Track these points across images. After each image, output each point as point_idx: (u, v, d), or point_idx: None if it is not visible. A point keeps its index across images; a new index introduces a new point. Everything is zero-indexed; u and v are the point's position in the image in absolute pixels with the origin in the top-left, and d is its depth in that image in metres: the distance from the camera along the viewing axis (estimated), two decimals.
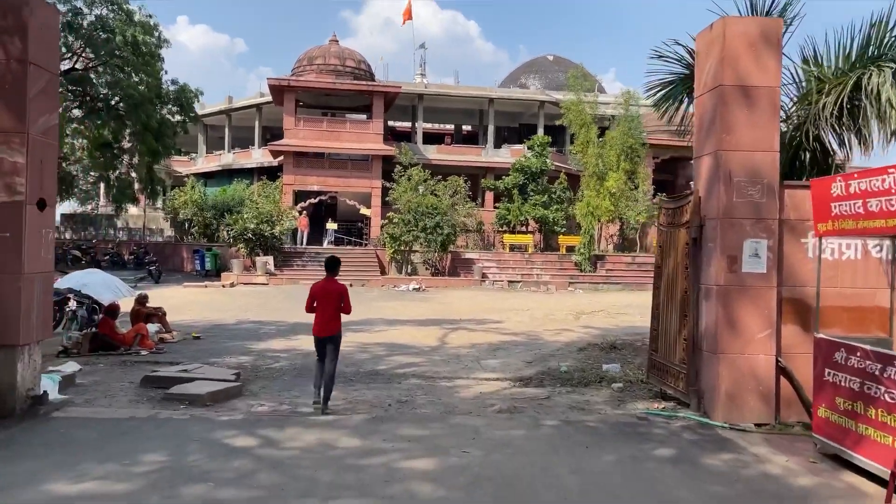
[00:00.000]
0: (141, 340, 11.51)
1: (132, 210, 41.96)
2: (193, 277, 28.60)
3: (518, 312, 19.88)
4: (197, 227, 35.67)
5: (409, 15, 48.50)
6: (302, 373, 10.23)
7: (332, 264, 8.34)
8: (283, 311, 18.46)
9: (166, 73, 30.30)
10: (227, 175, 42.61)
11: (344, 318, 8.27)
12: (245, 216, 27.84)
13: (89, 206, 50.15)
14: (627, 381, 9.71)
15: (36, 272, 7.15)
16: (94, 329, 11.49)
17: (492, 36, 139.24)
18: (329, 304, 7.96)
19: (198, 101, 31.45)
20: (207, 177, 44.37)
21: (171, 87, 30.24)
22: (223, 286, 25.08)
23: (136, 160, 31.18)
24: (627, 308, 21.61)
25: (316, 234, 35.65)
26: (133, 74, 28.90)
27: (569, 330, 16.05)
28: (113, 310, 11.61)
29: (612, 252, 34.12)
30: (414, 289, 26.59)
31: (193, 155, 47.86)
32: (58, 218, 51.86)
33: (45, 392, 7.29)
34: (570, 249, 33.82)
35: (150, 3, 76.55)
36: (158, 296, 22.19)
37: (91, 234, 42.76)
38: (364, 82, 37.37)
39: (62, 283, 11.86)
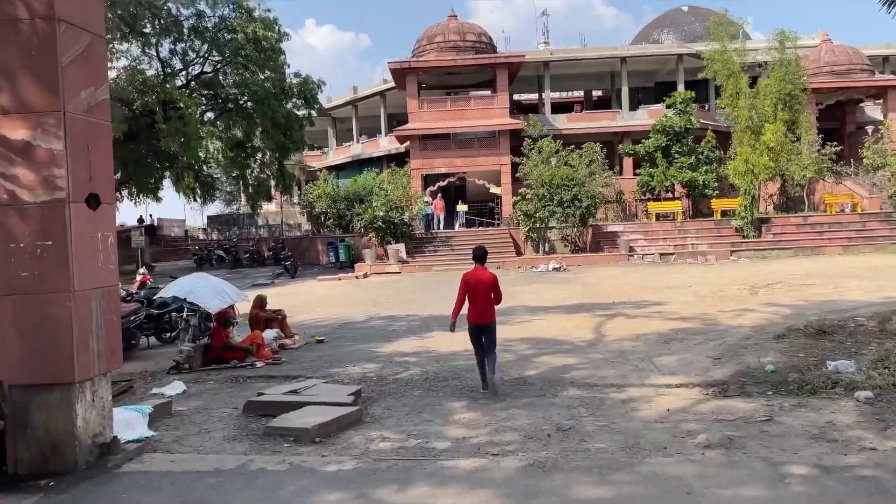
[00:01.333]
0: (257, 350, 10.03)
1: (270, 207, 42.39)
2: (328, 270, 27.79)
3: (680, 290, 16.99)
4: (332, 220, 35.09)
5: None
6: (434, 385, 8.27)
7: (481, 255, 8.11)
8: (415, 303, 16.76)
9: (289, 66, 29.64)
10: (357, 166, 41.97)
11: None
12: (374, 204, 26.58)
13: (234, 207, 51.68)
14: (875, 385, 6.92)
15: (92, 288, 5.58)
16: (206, 340, 10.16)
17: (616, 1, 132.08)
18: (481, 294, 7.82)
19: (321, 92, 30.60)
20: (339, 169, 44.00)
21: (294, 81, 29.49)
22: (356, 277, 23.91)
23: (267, 157, 30.84)
24: (811, 278, 18.06)
25: (450, 218, 34.04)
26: (258, 71, 28.41)
27: (750, 310, 13.08)
28: (225, 317, 10.21)
29: (776, 213, 29.82)
30: (554, 269, 24.19)
31: (325, 149, 47.79)
32: (204, 220, 54.06)
33: (114, 438, 5.72)
34: (725, 214, 29.97)
35: (278, 4, 78.03)
36: (293, 291, 21.40)
37: (234, 233, 43.69)
38: (486, 55, 35.10)
39: (168, 290, 10.63)
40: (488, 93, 35.91)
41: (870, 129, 34.52)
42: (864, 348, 8.84)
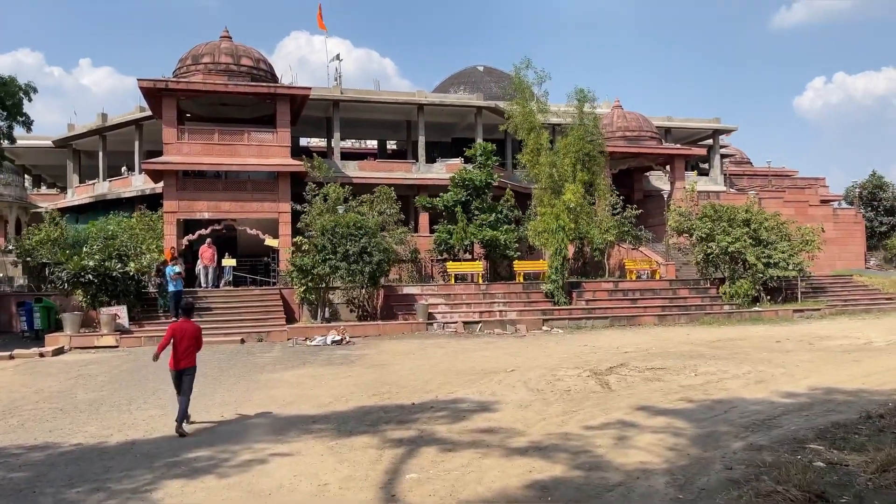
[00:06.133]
0: None
1: None
2: (19, 342, 18.87)
3: (504, 379, 11.58)
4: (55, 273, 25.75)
5: (321, 23, 40.58)
6: None
7: (189, 308, 9.07)
8: (88, 412, 9.58)
9: None
10: (103, 207, 32.74)
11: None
12: (85, 250, 18.55)
13: None
14: None
15: None
16: None
17: (409, 72, 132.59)
18: (184, 343, 8.38)
19: (29, 100, 21.97)
20: (79, 211, 34.32)
21: None
22: (41, 356, 15.63)
23: None
24: (653, 358, 13.67)
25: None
26: None
27: (628, 424, 7.86)
28: None
29: (579, 278, 26.42)
30: (334, 341, 17.95)
31: (65, 187, 37.67)
32: None
33: None
34: (528, 277, 25.98)
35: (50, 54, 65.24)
36: None
37: None
38: (265, 84, 28.72)
39: None
40: (267, 130, 29.37)
41: (665, 193, 33.29)
42: None
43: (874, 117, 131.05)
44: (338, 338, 18.24)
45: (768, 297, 23.94)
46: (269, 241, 27.25)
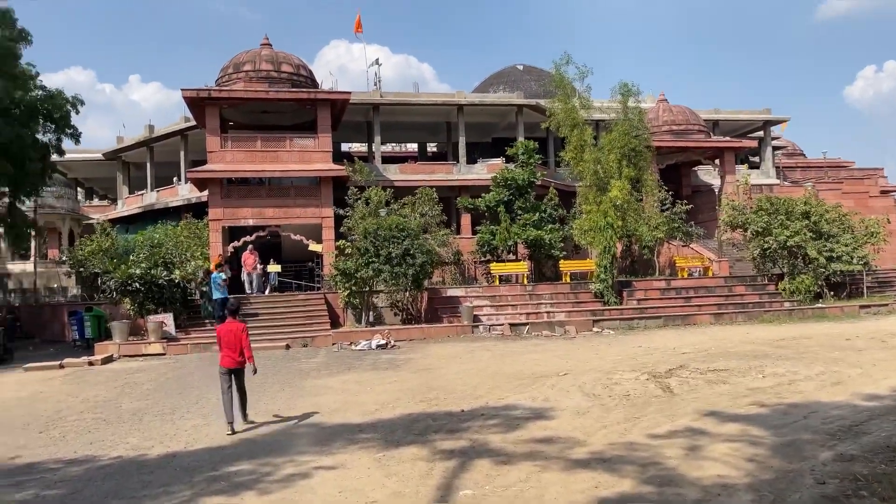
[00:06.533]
0: None
1: (26, 267, 32.11)
2: (69, 351, 19.05)
3: (557, 383, 10.96)
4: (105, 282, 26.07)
5: (359, 26, 40.47)
6: None
7: (235, 309, 9.26)
8: (156, 417, 9.37)
9: (37, 76, 21.23)
10: (151, 217, 33.19)
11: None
12: (132, 258, 18.60)
13: None
14: None
15: None
16: None
17: (447, 77, 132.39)
18: (232, 343, 8.71)
19: (76, 113, 22.26)
20: (129, 222, 34.86)
21: (39, 95, 21.09)
22: (90, 364, 15.63)
23: None
24: (714, 359, 12.85)
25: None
26: None
27: (698, 432, 7.17)
28: None
29: (629, 276, 25.51)
30: (379, 346, 17.56)
31: (115, 198, 38.39)
32: None
33: None
34: (575, 277, 25.21)
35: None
36: None
37: None
38: (305, 90, 28.65)
39: None
40: (309, 136, 29.27)
41: (714, 187, 32.09)
42: None
43: None
44: (382, 342, 17.85)
45: (831, 293, 22.65)
46: (314, 247, 27.11)
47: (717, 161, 32.72)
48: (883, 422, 7.20)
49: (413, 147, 43.51)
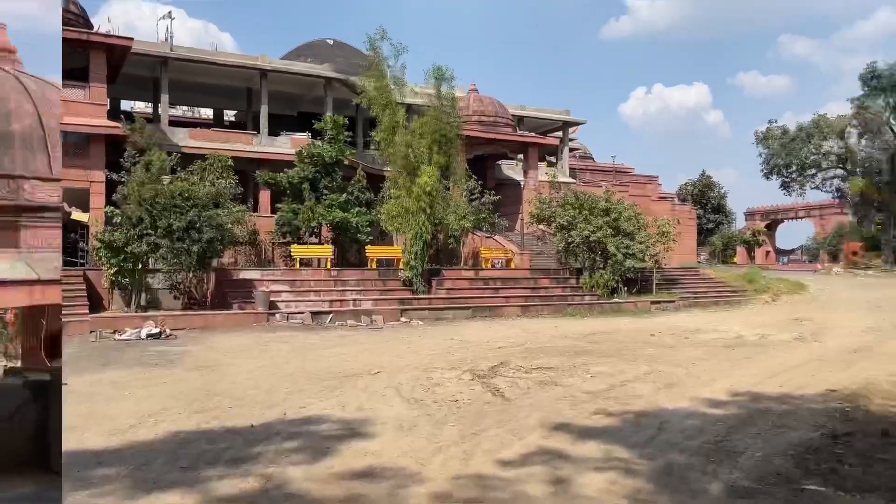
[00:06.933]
0: None
1: None
2: None
3: (370, 384, 9.12)
4: None
5: None
6: None
7: None
8: None
9: None
10: None
11: None
12: None
13: None
14: None
15: None
16: None
17: (248, 48, 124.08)
18: None
19: None
20: None
21: None
22: None
23: None
24: (537, 355, 11.92)
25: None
26: None
27: (554, 457, 5.74)
28: None
29: (435, 265, 24.50)
30: (150, 335, 14.44)
31: None
32: None
33: None
34: (381, 264, 23.65)
35: None
36: None
37: None
38: (76, 29, 23.81)
39: None
40: (79, 85, 24.32)
41: (518, 182, 32.37)
42: None
43: (688, 126, 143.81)
44: (155, 330, 14.73)
45: (625, 288, 23.54)
46: (78, 215, 22.66)
47: (521, 156, 33.15)
48: (744, 436, 6.38)
49: (208, 113, 39.10)
